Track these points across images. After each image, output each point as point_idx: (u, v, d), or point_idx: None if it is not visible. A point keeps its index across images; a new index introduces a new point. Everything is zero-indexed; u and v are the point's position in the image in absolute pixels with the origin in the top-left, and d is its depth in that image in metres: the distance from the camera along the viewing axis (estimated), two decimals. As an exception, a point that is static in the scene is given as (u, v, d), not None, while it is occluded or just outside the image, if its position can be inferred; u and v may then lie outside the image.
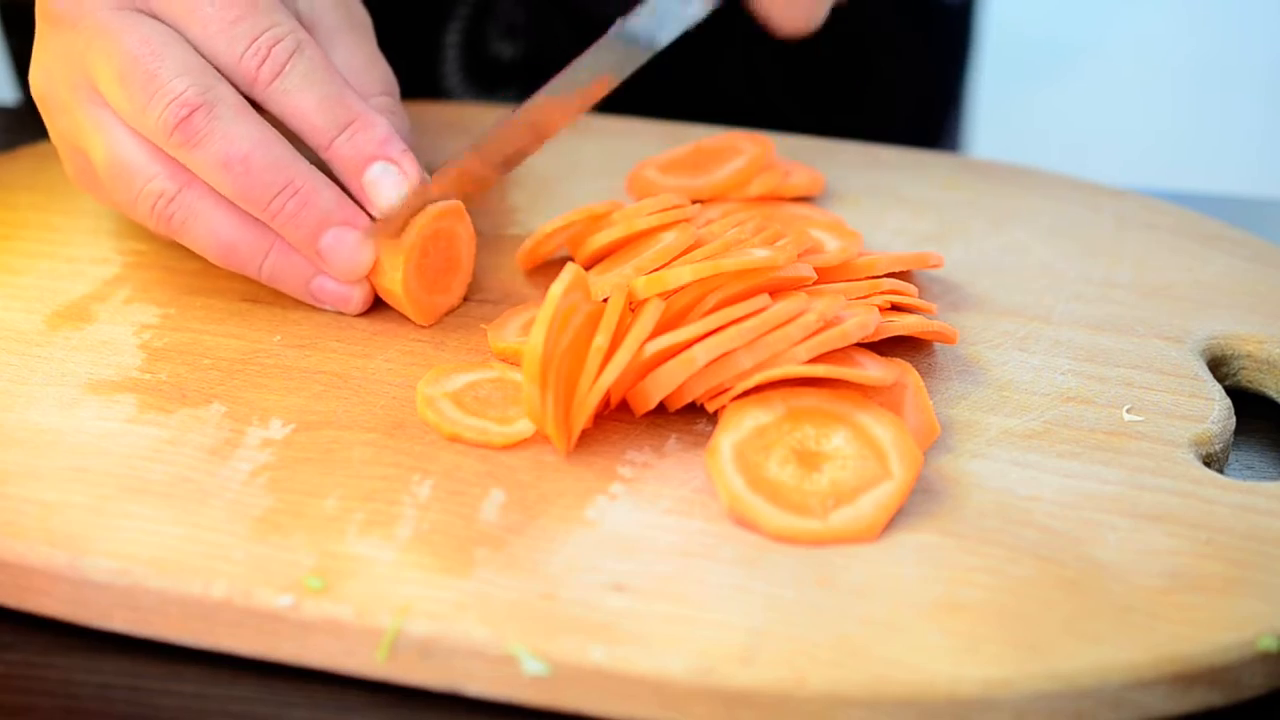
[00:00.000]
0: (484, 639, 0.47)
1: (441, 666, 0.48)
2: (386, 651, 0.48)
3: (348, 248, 0.60)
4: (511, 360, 0.59)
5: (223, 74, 0.59)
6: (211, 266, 0.65)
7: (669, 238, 0.60)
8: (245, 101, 0.60)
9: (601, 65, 0.61)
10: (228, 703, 0.49)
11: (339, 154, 0.60)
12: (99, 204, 0.68)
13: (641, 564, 0.50)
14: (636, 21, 0.60)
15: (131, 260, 0.66)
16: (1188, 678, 0.47)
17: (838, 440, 0.53)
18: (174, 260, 0.66)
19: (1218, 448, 0.56)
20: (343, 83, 0.61)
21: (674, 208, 0.62)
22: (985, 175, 0.74)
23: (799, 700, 0.46)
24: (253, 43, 0.59)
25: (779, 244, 0.59)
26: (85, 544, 0.50)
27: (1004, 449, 0.55)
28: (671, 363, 0.54)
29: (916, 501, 0.52)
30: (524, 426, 0.55)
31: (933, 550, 0.50)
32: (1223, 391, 0.58)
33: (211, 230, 0.61)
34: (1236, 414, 0.58)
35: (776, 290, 0.58)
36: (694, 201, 0.68)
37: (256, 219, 0.60)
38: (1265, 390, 0.62)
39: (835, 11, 0.64)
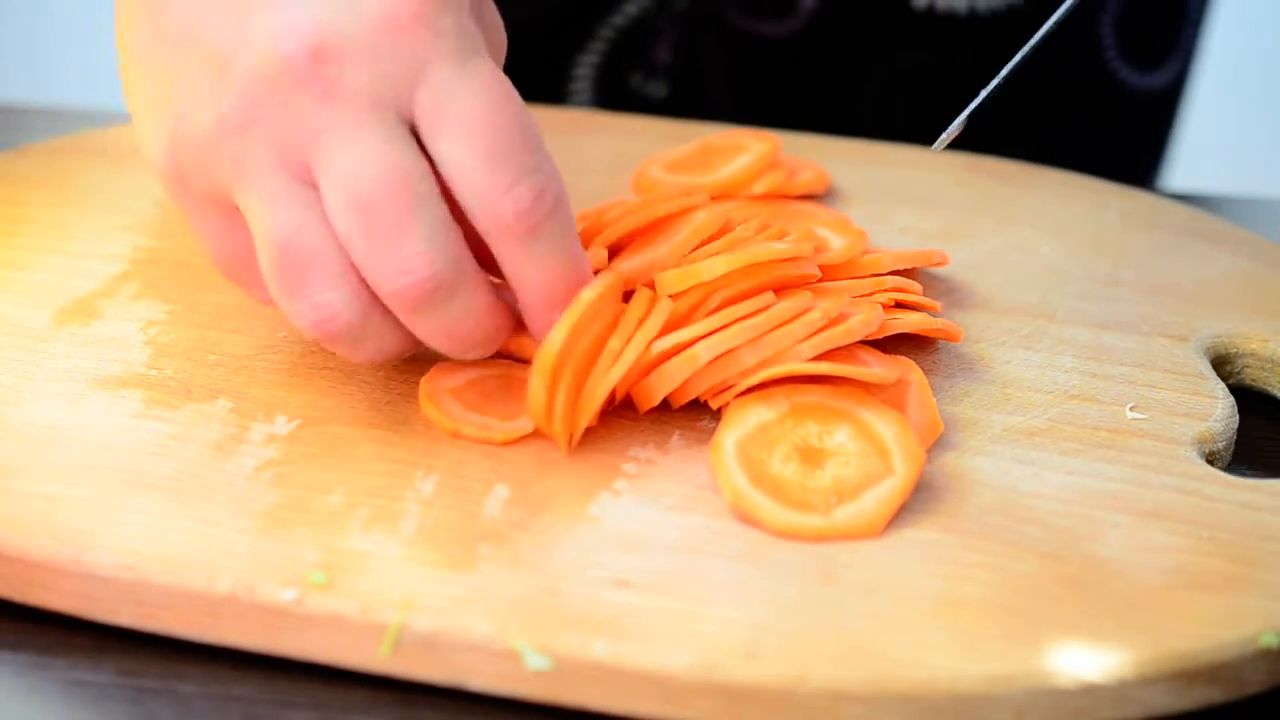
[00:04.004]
0: (487, 634, 0.48)
1: (444, 661, 0.48)
2: (390, 646, 0.48)
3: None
4: (515, 355, 0.59)
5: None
6: (218, 263, 0.65)
7: (700, 217, 0.60)
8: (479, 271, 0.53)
9: None
10: (229, 703, 0.49)
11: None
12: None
13: (644, 560, 0.50)
14: None
15: (139, 257, 0.66)
16: (1189, 674, 0.47)
17: (840, 437, 0.53)
18: (182, 257, 0.66)
19: (1220, 446, 0.56)
20: (581, 250, 0.54)
21: (688, 194, 0.62)
22: (991, 174, 0.74)
23: (801, 696, 0.46)
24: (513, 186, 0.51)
25: (785, 240, 0.59)
26: (90, 539, 0.50)
27: (1007, 446, 0.55)
28: (675, 360, 0.54)
29: (919, 498, 0.52)
30: (527, 422, 0.55)
31: (935, 547, 0.50)
32: (1226, 390, 0.58)
33: (379, 348, 0.54)
34: (1239, 412, 0.58)
35: (781, 288, 0.58)
36: (699, 199, 0.68)
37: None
38: (1268, 389, 0.62)
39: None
